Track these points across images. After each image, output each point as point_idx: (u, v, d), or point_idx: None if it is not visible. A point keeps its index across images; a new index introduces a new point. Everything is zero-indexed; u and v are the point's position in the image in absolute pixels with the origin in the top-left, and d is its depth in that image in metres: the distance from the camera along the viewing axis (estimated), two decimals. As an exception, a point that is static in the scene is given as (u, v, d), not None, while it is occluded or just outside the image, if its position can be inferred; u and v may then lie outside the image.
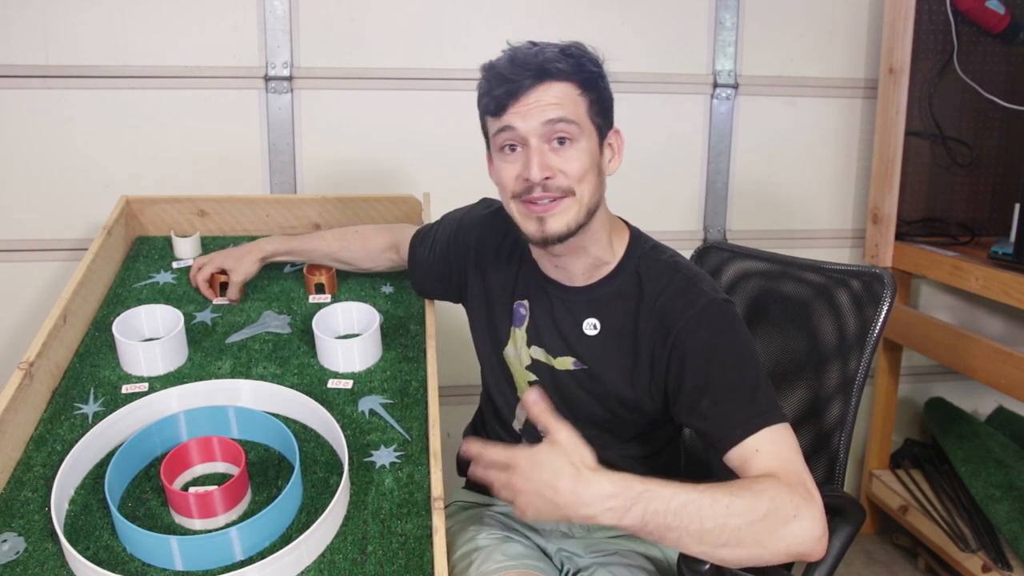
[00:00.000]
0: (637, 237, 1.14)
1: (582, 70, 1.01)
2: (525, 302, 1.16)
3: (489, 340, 1.20)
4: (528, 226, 1.05)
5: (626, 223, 1.16)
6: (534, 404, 0.92)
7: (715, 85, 2.06)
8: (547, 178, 1.01)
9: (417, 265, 1.32)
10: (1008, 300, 1.71)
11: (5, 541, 0.95)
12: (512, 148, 1.03)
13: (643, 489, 0.87)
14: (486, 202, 1.28)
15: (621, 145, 1.10)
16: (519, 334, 1.16)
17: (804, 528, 0.90)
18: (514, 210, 1.06)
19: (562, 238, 1.03)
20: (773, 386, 1.04)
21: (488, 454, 0.92)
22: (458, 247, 1.25)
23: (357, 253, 1.40)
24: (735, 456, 0.98)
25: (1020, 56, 2.02)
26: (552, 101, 0.99)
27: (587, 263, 1.10)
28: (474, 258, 1.22)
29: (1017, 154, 2.07)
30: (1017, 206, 1.71)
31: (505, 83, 1.00)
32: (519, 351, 1.17)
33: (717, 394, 1.00)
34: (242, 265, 1.38)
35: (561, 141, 1.01)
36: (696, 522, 0.87)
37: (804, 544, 0.91)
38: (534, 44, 1.02)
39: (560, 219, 1.02)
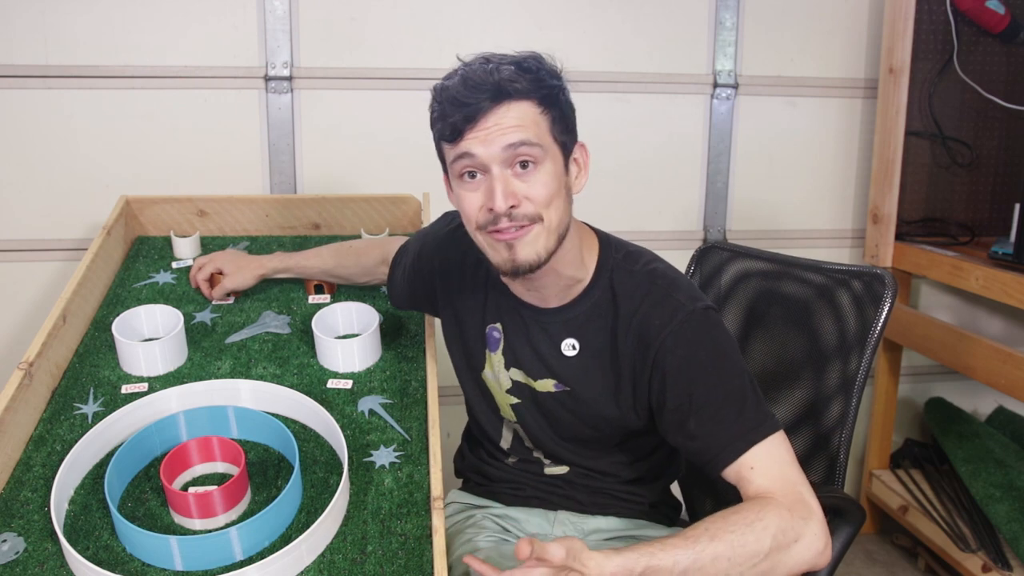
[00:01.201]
0: (607, 245, 1.09)
1: (541, 86, 0.95)
2: (498, 325, 1.13)
3: (466, 364, 1.18)
4: (496, 257, 0.99)
5: (593, 230, 1.11)
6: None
7: (715, 85, 2.05)
8: (512, 207, 0.95)
9: (393, 288, 1.31)
10: (1008, 300, 1.71)
11: (5, 541, 0.95)
12: (472, 175, 0.97)
13: (647, 563, 0.85)
14: (447, 218, 1.23)
15: (587, 160, 1.04)
16: (495, 358, 1.13)
17: (806, 547, 0.91)
18: (481, 241, 1.00)
19: (533, 268, 0.98)
20: (768, 387, 1.03)
21: None
22: (423, 274, 1.22)
23: (352, 269, 1.39)
24: (731, 474, 0.97)
25: (1020, 56, 2.02)
26: (512, 124, 0.93)
27: (560, 285, 1.06)
28: (440, 283, 1.19)
29: (1017, 154, 2.07)
30: (1017, 206, 1.71)
31: (460, 107, 0.94)
32: (497, 374, 1.14)
33: (702, 413, 0.98)
34: (240, 274, 1.39)
35: (524, 165, 0.95)
36: None
37: (808, 563, 0.92)
38: (487, 61, 0.96)
39: (529, 248, 0.97)
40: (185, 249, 1.55)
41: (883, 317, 1.16)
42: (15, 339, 1.87)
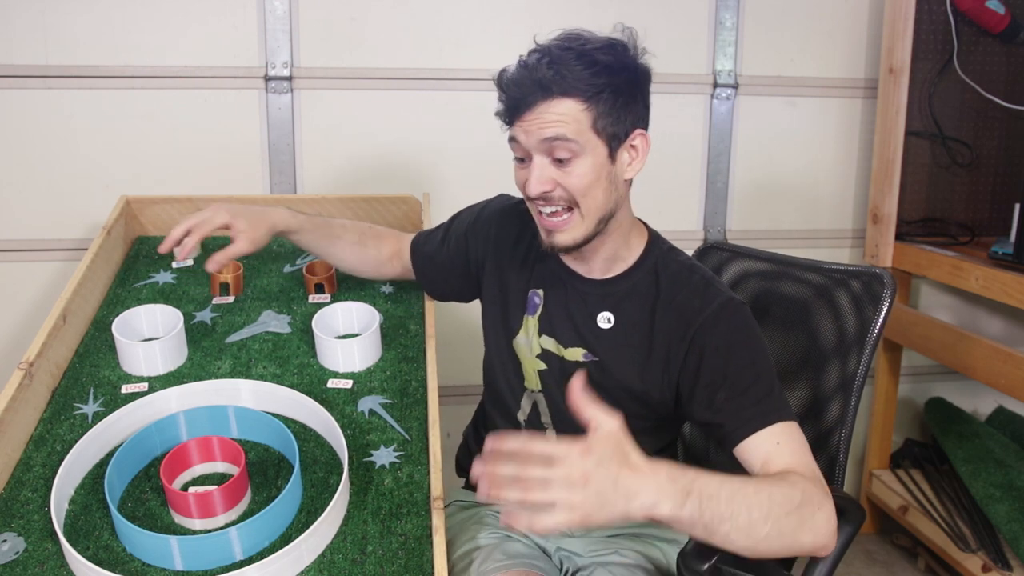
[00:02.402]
0: (655, 239, 1.16)
1: (591, 83, 0.99)
2: (540, 291, 1.17)
3: (502, 328, 1.21)
4: (541, 232, 1.09)
5: (646, 225, 1.17)
6: (577, 396, 0.82)
7: (715, 85, 2.06)
8: (546, 191, 1.02)
9: (427, 263, 1.31)
10: (1008, 300, 1.71)
11: (5, 541, 0.95)
12: (520, 158, 1.05)
13: (695, 475, 0.83)
14: (504, 197, 1.29)
15: (647, 146, 1.09)
16: (531, 322, 1.17)
17: (826, 520, 0.91)
18: (533, 214, 1.09)
19: (569, 250, 1.07)
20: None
21: (519, 447, 0.78)
22: (476, 238, 1.25)
23: (369, 255, 1.35)
24: (749, 446, 0.98)
25: (1020, 56, 2.02)
26: (553, 119, 0.99)
27: (604, 257, 1.12)
28: (492, 248, 1.23)
29: (1017, 154, 2.07)
30: (1017, 206, 1.71)
31: (509, 100, 1.02)
32: (530, 339, 1.17)
33: (733, 389, 1.01)
34: (254, 231, 1.25)
35: (560, 156, 1.01)
36: (744, 513, 0.84)
37: (824, 536, 0.92)
38: (543, 55, 1.00)
39: (567, 235, 1.05)
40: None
41: (882, 317, 1.16)
42: (15, 339, 1.87)
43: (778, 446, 0.97)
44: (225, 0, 1.83)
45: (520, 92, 1.00)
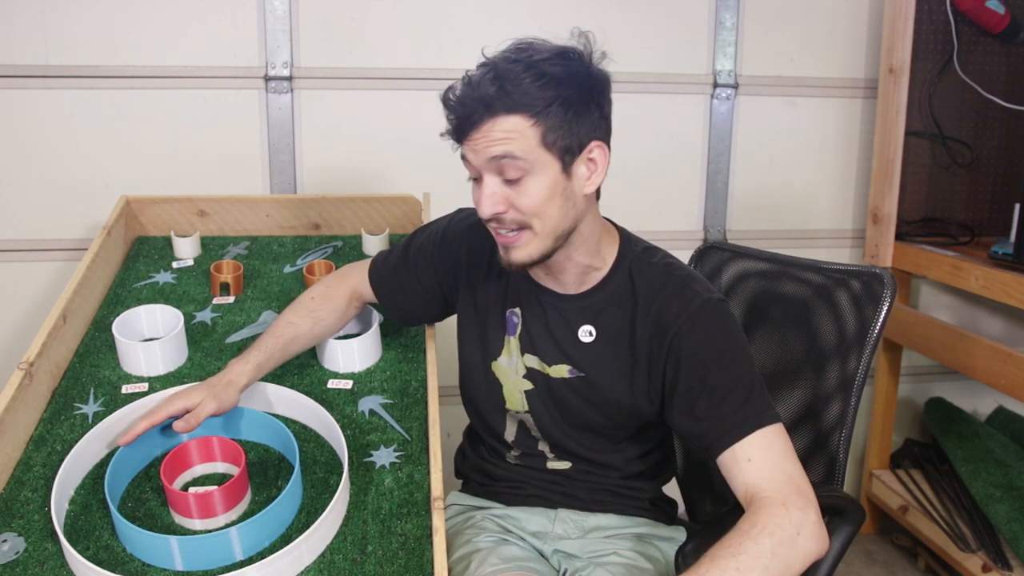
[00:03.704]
0: (627, 240, 1.12)
1: (539, 97, 0.94)
2: (517, 310, 1.15)
3: (480, 352, 1.18)
4: (499, 252, 1.06)
5: (615, 225, 1.14)
6: None
7: (715, 85, 2.06)
8: (499, 212, 0.99)
9: (391, 290, 1.24)
10: (1008, 300, 1.71)
11: (5, 541, 0.95)
12: (471, 176, 1.02)
13: None
14: (464, 212, 1.23)
15: (605, 158, 1.02)
16: (513, 343, 1.15)
17: (809, 537, 0.91)
18: (489, 229, 1.05)
19: (526, 266, 1.03)
20: (767, 386, 1.04)
21: None
22: (445, 262, 1.20)
23: (330, 320, 1.24)
24: (727, 459, 0.98)
25: (1020, 56, 2.02)
26: (499, 136, 0.95)
27: (576, 272, 1.09)
28: (464, 271, 1.19)
29: (1017, 154, 2.07)
30: (1017, 206, 1.71)
31: (456, 114, 0.98)
32: (513, 360, 1.15)
33: (712, 396, 1.00)
34: (210, 400, 1.08)
35: (510, 174, 0.97)
36: None
37: (815, 552, 0.92)
38: (488, 70, 0.96)
39: (521, 251, 1.02)
40: (185, 249, 1.55)
41: (882, 316, 1.16)
42: (15, 339, 1.87)
43: (749, 463, 0.96)
44: (225, 0, 1.83)
45: (464, 111, 0.96)
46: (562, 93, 0.96)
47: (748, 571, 0.87)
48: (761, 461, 0.96)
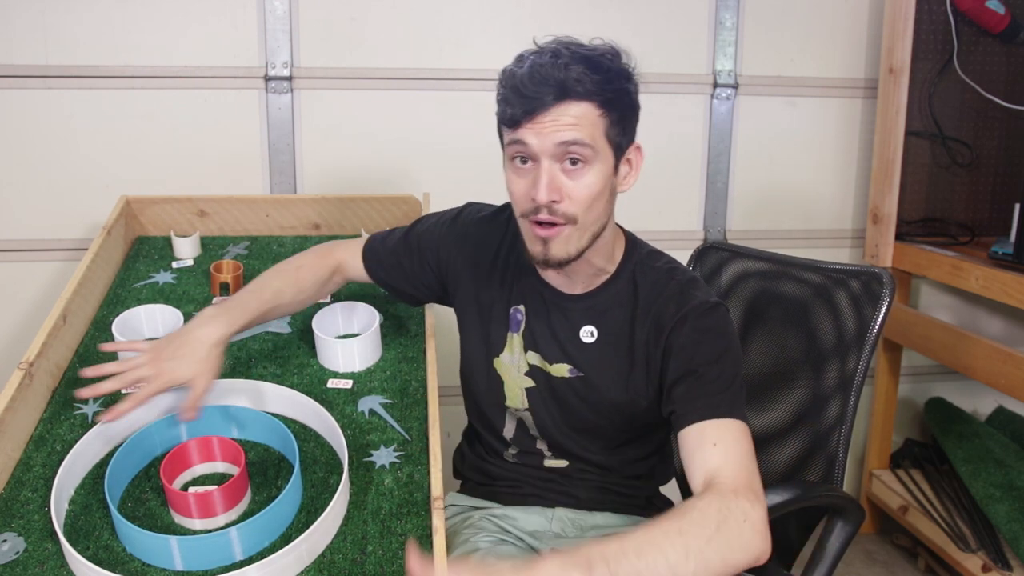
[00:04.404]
0: (634, 243, 1.14)
1: (607, 88, 0.96)
2: (521, 307, 1.15)
3: (483, 347, 1.18)
4: (532, 247, 1.04)
5: (622, 229, 1.15)
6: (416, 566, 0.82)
7: (715, 85, 2.06)
8: (554, 201, 0.98)
9: (390, 266, 1.23)
10: (1008, 300, 1.71)
11: (5, 541, 0.95)
12: (523, 160, 1.00)
13: (590, 545, 0.82)
14: (473, 207, 1.24)
15: (640, 160, 1.06)
16: (516, 339, 1.15)
17: (753, 529, 0.89)
18: (523, 227, 1.04)
19: (563, 263, 1.03)
20: (767, 384, 1.04)
21: None
22: (451, 248, 1.20)
23: (310, 293, 1.23)
24: (693, 435, 0.97)
25: (1020, 56, 2.02)
26: (570, 122, 0.95)
27: (588, 273, 1.11)
28: (470, 263, 1.19)
29: (1017, 154, 2.07)
30: (1017, 206, 1.71)
31: (523, 99, 0.95)
32: (516, 357, 1.16)
33: (693, 379, 1.02)
34: (204, 374, 1.07)
35: (573, 162, 0.97)
36: (661, 558, 0.83)
37: (758, 549, 0.89)
38: (557, 55, 0.96)
39: (562, 247, 1.01)
40: (185, 249, 1.55)
41: (881, 316, 1.16)
42: (15, 339, 1.87)
43: (714, 447, 0.95)
44: (225, 0, 1.83)
45: (538, 92, 0.94)
46: (624, 87, 0.99)
47: (690, 536, 0.85)
48: (726, 449, 0.96)
